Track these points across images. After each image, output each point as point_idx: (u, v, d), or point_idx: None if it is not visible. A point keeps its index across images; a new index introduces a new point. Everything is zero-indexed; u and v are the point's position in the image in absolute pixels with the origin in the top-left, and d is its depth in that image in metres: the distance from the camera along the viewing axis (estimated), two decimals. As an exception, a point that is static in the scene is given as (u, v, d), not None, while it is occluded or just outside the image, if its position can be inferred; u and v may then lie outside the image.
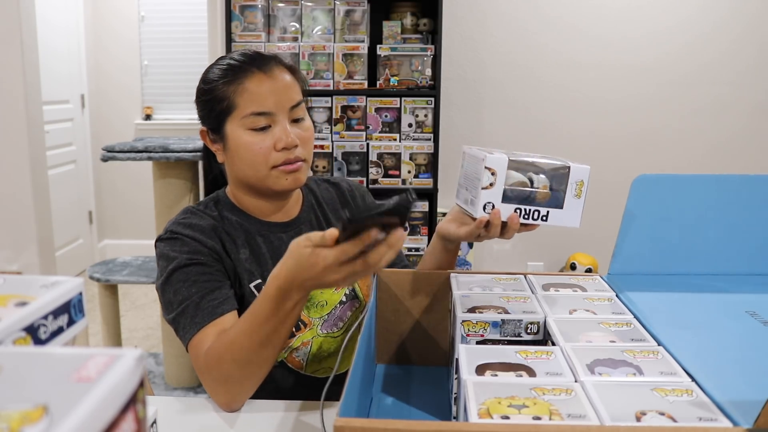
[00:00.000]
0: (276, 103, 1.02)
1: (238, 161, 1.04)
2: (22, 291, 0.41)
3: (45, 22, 3.50)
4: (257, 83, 1.02)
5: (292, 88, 1.05)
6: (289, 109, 1.04)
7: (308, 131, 1.07)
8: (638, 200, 0.89)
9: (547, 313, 0.76)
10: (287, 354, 1.06)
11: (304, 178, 1.07)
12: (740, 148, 3.02)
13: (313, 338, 1.08)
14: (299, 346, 1.07)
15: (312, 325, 1.08)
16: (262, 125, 1.02)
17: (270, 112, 1.02)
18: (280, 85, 1.03)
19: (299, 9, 2.68)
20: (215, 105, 1.04)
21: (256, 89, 1.02)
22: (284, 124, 1.03)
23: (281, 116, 1.03)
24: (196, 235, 1.02)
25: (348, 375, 0.59)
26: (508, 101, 3.02)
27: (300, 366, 1.08)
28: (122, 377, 0.30)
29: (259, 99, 1.02)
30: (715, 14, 2.92)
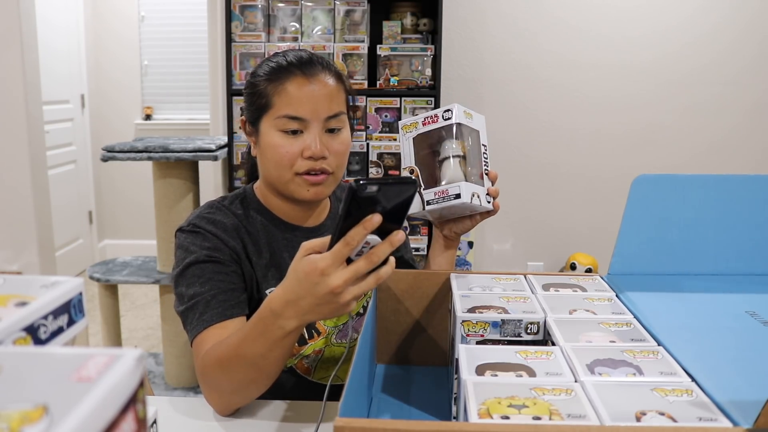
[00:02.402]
0: (311, 111, 1.00)
1: (266, 160, 1.04)
2: (22, 291, 0.41)
3: (45, 22, 3.50)
4: (297, 86, 1.00)
5: (334, 97, 1.02)
6: (325, 118, 1.01)
7: (342, 144, 1.03)
8: (638, 200, 0.89)
9: (547, 313, 0.76)
10: (297, 361, 1.06)
11: (329, 192, 1.05)
12: (740, 148, 3.02)
13: (325, 347, 1.07)
14: (310, 354, 1.06)
15: (326, 333, 1.07)
16: (294, 129, 1.00)
17: (303, 118, 1.00)
18: (319, 92, 1.00)
19: (299, 9, 2.68)
20: (256, 100, 1.03)
21: (294, 92, 1.00)
22: (316, 132, 1.00)
23: (314, 124, 1.00)
24: (218, 233, 1.02)
25: (348, 375, 0.59)
26: (508, 101, 3.02)
27: (308, 372, 1.07)
28: (122, 377, 0.30)
29: (295, 103, 1.00)
30: (715, 14, 2.92)
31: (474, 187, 0.97)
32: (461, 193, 0.94)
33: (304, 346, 1.05)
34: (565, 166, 3.06)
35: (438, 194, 0.97)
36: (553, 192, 3.08)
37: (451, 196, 0.95)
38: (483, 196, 0.99)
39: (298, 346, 1.05)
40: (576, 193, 3.08)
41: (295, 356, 1.05)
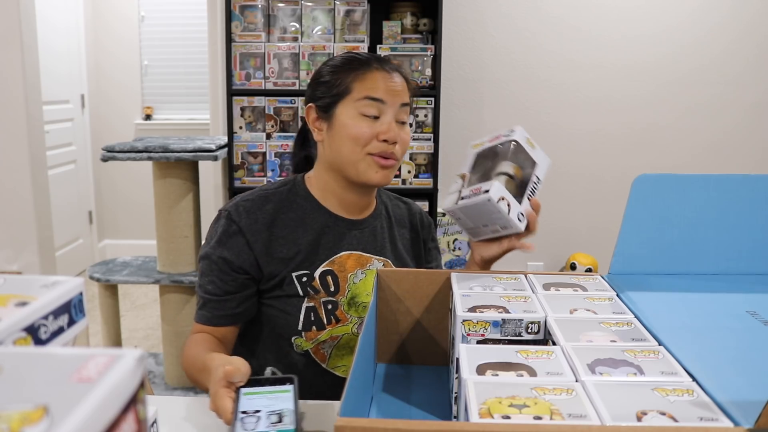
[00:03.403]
0: (391, 96, 1.09)
1: (338, 140, 1.09)
2: (22, 291, 0.41)
3: (45, 22, 3.50)
4: (377, 75, 1.10)
5: (405, 91, 1.12)
6: (400, 105, 1.10)
7: (408, 135, 1.12)
8: (639, 200, 0.89)
9: (547, 313, 0.75)
10: (313, 345, 1.10)
11: (391, 178, 1.12)
12: (740, 148, 3.02)
13: (343, 335, 1.11)
14: (327, 340, 1.11)
15: (347, 321, 1.12)
16: (373, 113, 1.08)
17: (383, 100, 1.08)
18: (395, 83, 1.10)
19: (299, 9, 2.68)
20: (332, 87, 1.11)
21: (374, 79, 1.09)
22: (391, 118, 1.09)
23: (391, 110, 1.09)
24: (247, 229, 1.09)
25: (348, 375, 0.59)
26: (508, 101, 3.02)
27: (323, 359, 1.12)
28: (122, 377, 0.30)
29: (376, 87, 1.09)
30: (715, 14, 2.92)
31: (507, 194, 0.96)
32: (490, 191, 0.94)
33: (322, 331, 1.10)
34: (565, 166, 3.06)
35: (472, 191, 0.98)
36: (553, 192, 3.08)
37: (481, 192, 0.96)
38: (515, 211, 0.98)
39: (317, 330, 1.10)
40: (576, 193, 3.08)
41: (312, 341, 1.10)
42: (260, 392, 0.84)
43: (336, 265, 1.13)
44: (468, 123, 3.04)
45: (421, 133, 2.70)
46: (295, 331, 1.10)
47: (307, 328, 1.10)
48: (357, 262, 1.14)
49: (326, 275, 1.12)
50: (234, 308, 1.09)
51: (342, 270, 1.13)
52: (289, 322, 1.10)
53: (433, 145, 2.69)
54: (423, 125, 2.70)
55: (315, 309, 1.10)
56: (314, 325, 1.10)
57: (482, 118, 3.04)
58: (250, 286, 1.10)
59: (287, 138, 2.66)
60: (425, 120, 2.69)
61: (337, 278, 1.12)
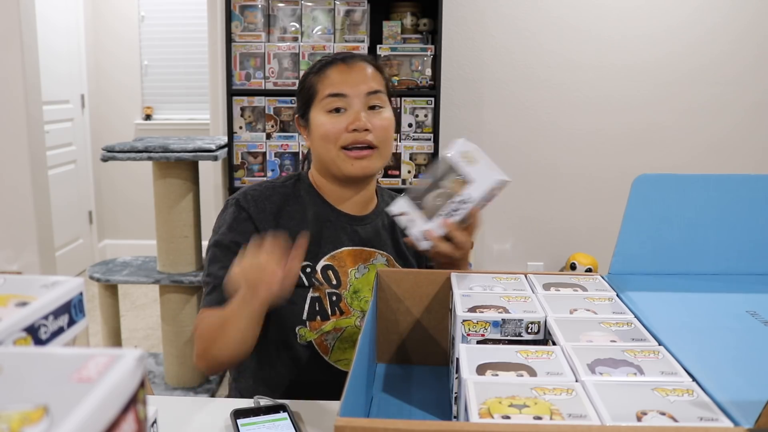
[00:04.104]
0: (351, 87, 1.10)
1: (316, 142, 1.13)
2: (22, 291, 0.41)
3: (45, 22, 3.50)
4: (337, 71, 1.12)
5: (372, 78, 1.12)
6: (365, 94, 1.10)
7: (385, 120, 1.12)
8: (639, 200, 0.89)
9: (547, 313, 0.75)
10: (317, 336, 1.11)
11: (375, 167, 1.13)
12: (740, 148, 3.02)
13: (347, 327, 1.13)
14: (330, 331, 1.11)
15: (350, 314, 1.13)
16: (337, 106, 1.10)
17: (344, 94, 1.10)
18: (357, 73, 1.12)
19: (299, 9, 2.68)
20: (304, 94, 1.16)
21: (334, 75, 1.12)
22: (358, 107, 1.10)
23: (356, 100, 1.10)
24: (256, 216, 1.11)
25: (348, 375, 0.59)
26: (508, 101, 3.02)
27: (326, 351, 1.12)
28: (123, 377, 0.30)
29: (336, 82, 1.11)
30: (715, 14, 2.92)
31: (412, 211, 1.01)
32: (393, 205, 1.03)
33: (327, 322, 1.11)
34: (565, 166, 3.06)
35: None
36: (553, 192, 3.08)
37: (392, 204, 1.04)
38: (418, 228, 1.01)
39: (321, 320, 1.11)
40: (576, 193, 3.08)
41: (317, 331, 1.11)
42: (258, 422, 0.86)
43: (336, 261, 1.14)
44: (468, 123, 3.04)
45: (421, 133, 2.70)
46: (299, 320, 1.11)
47: (312, 318, 1.11)
48: (358, 258, 1.15)
49: (327, 269, 1.13)
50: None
51: (342, 266, 1.14)
52: (294, 311, 1.11)
53: (433, 145, 2.69)
54: (423, 125, 2.70)
55: (320, 299, 1.12)
56: (319, 315, 1.11)
57: (482, 118, 3.04)
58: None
59: (287, 138, 2.66)
60: (425, 120, 2.69)
61: (338, 273, 1.14)
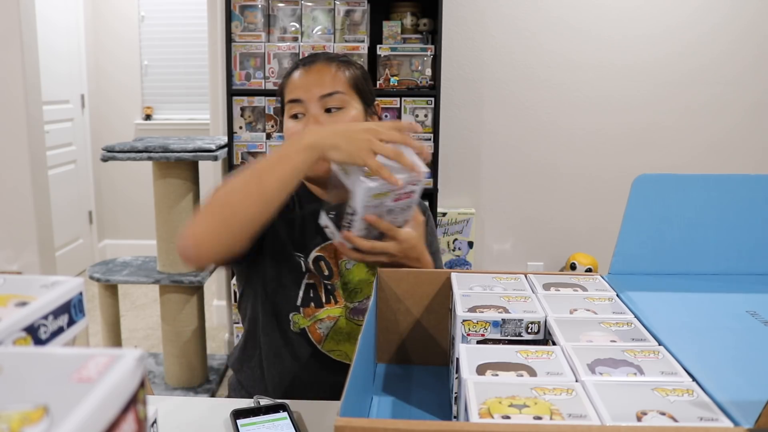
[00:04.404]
0: (305, 92, 1.10)
1: None
2: (22, 291, 0.41)
3: (45, 22, 3.50)
4: (297, 76, 1.12)
5: (332, 79, 1.10)
6: (319, 97, 1.09)
7: (342, 121, 1.10)
8: (639, 200, 0.89)
9: (547, 313, 0.75)
10: (311, 323, 1.12)
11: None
12: (740, 148, 3.02)
13: (339, 317, 1.13)
14: (324, 319, 1.13)
15: (343, 304, 1.14)
16: (295, 112, 1.10)
17: (299, 99, 1.10)
18: (314, 76, 1.11)
19: (299, 9, 2.68)
20: (279, 100, 1.17)
21: (294, 80, 1.12)
22: (314, 111, 1.09)
23: (311, 104, 1.09)
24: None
25: (348, 375, 0.59)
26: (508, 101, 3.02)
27: (319, 339, 1.13)
28: (123, 377, 0.30)
29: (293, 88, 1.11)
30: (715, 14, 2.92)
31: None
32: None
33: (320, 309, 1.12)
34: (565, 166, 3.06)
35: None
36: (553, 192, 3.08)
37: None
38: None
39: (315, 307, 1.12)
40: (576, 193, 3.08)
41: (310, 318, 1.12)
42: (257, 422, 0.86)
43: (327, 252, 1.15)
44: (468, 123, 3.04)
45: (421, 133, 2.70)
46: (293, 307, 1.12)
47: (306, 304, 1.12)
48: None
49: (319, 260, 1.14)
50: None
51: (332, 256, 1.15)
52: (289, 297, 1.12)
53: (432, 145, 2.69)
54: (423, 125, 2.70)
55: (315, 286, 1.13)
56: (313, 302, 1.12)
57: (482, 118, 3.04)
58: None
59: (287, 138, 2.66)
60: (425, 120, 2.69)
61: (329, 263, 1.15)
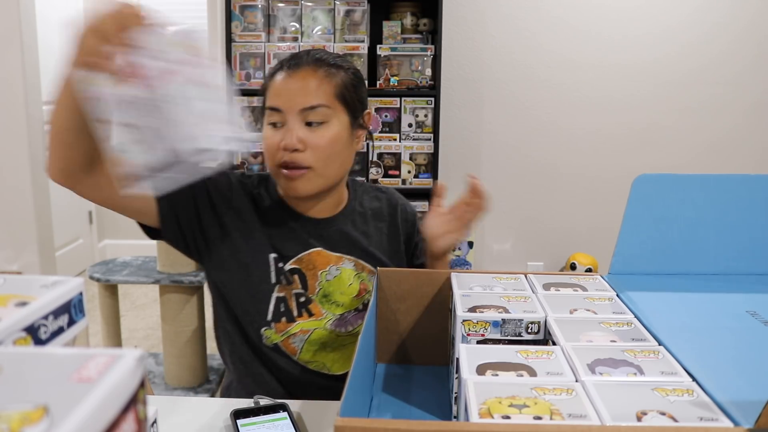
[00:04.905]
0: (286, 102, 1.02)
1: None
2: (22, 291, 0.41)
3: (45, 22, 3.50)
4: (279, 80, 1.04)
5: (314, 90, 1.02)
6: (300, 110, 1.02)
7: (323, 139, 1.02)
8: (639, 200, 0.89)
9: (547, 313, 0.75)
10: (283, 339, 1.07)
11: (310, 189, 1.05)
12: (740, 148, 3.02)
13: (315, 329, 1.08)
14: (297, 333, 1.07)
15: (321, 317, 1.08)
16: (274, 120, 1.03)
17: (279, 109, 1.02)
18: (297, 84, 1.03)
19: (299, 9, 2.68)
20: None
21: (276, 85, 1.04)
22: (293, 124, 1.02)
23: (291, 116, 1.02)
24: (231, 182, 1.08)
25: (348, 375, 0.59)
26: (508, 101, 3.02)
27: (294, 352, 1.08)
28: (123, 377, 0.30)
29: (275, 94, 1.04)
30: (715, 14, 2.92)
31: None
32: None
33: (292, 324, 1.06)
34: (565, 166, 3.06)
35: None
36: (553, 192, 3.08)
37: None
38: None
39: (287, 322, 1.06)
40: (576, 193, 3.08)
41: (282, 333, 1.06)
42: (257, 422, 0.86)
43: (303, 263, 1.09)
44: (468, 123, 3.04)
45: (421, 133, 2.71)
46: (263, 321, 1.06)
47: (277, 319, 1.06)
48: (328, 259, 1.10)
49: (293, 273, 1.08)
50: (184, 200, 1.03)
51: (311, 268, 1.09)
52: (259, 311, 1.06)
53: (433, 145, 2.69)
54: (423, 125, 2.70)
55: (285, 300, 1.07)
56: (284, 317, 1.07)
57: (482, 118, 3.04)
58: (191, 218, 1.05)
59: (287, 138, 2.67)
60: (425, 120, 2.69)
61: (305, 276, 1.08)
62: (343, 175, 1.11)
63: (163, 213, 1.03)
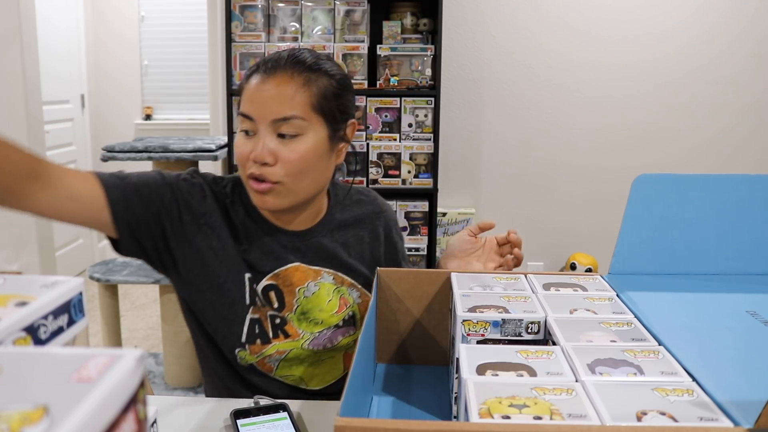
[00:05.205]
0: (258, 110, 0.95)
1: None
2: (22, 291, 0.41)
3: (45, 22, 3.50)
4: (254, 84, 0.96)
5: (289, 99, 0.94)
6: (271, 121, 0.94)
7: (294, 153, 0.95)
8: (639, 200, 0.89)
9: (547, 313, 0.75)
10: (258, 359, 1.02)
11: (279, 204, 0.98)
12: (740, 148, 3.02)
13: (292, 350, 1.03)
14: (272, 354, 1.02)
15: (298, 337, 1.03)
16: (246, 128, 0.96)
17: (251, 117, 0.95)
18: (271, 92, 0.94)
19: (299, 9, 2.68)
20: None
21: (250, 90, 0.96)
22: (263, 134, 0.94)
23: (262, 126, 0.95)
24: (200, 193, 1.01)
25: (348, 375, 0.59)
26: (508, 101, 3.02)
27: (270, 370, 1.04)
28: (123, 377, 0.30)
29: (247, 100, 0.96)
30: (715, 14, 2.92)
31: None
32: None
33: (267, 345, 1.01)
34: (565, 166, 3.06)
35: None
36: (553, 192, 3.08)
37: None
38: None
39: (262, 344, 1.01)
40: (576, 193, 3.08)
41: (257, 355, 1.01)
42: (257, 422, 0.86)
43: (280, 279, 1.03)
44: (468, 123, 3.04)
45: (421, 133, 2.70)
46: (238, 343, 1.01)
47: (251, 341, 1.01)
48: (306, 275, 1.04)
49: (270, 290, 1.02)
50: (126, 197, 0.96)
51: (288, 284, 1.03)
52: (232, 332, 1.01)
53: (433, 145, 2.69)
54: (423, 125, 2.70)
55: (260, 321, 1.01)
56: (259, 338, 1.01)
57: (482, 118, 3.04)
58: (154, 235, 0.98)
59: (287, 138, 2.66)
60: (425, 120, 2.69)
61: (282, 293, 1.03)
62: (319, 190, 1.03)
63: (121, 230, 0.96)
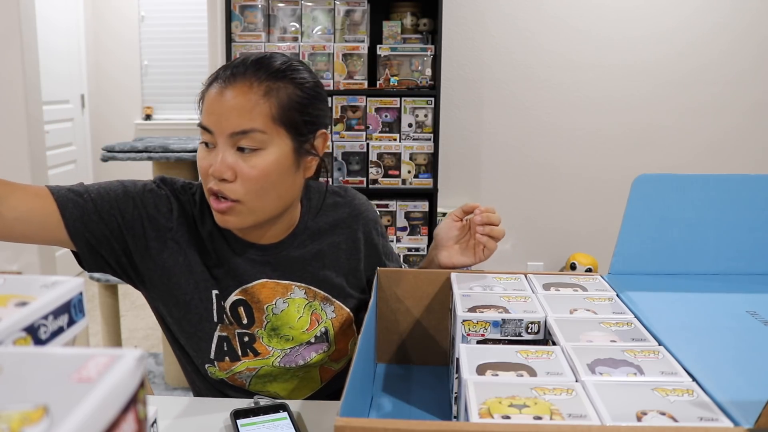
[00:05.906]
0: (216, 122, 0.88)
1: None
2: (22, 291, 0.41)
3: (45, 22, 3.50)
4: (212, 94, 0.90)
5: (249, 111, 0.87)
6: (229, 134, 0.87)
7: (254, 169, 0.88)
8: (639, 200, 0.89)
9: (547, 313, 0.75)
10: (228, 375, 0.99)
11: (240, 223, 0.92)
12: (740, 148, 3.02)
13: (262, 367, 0.99)
14: (243, 371, 0.99)
15: (268, 355, 0.99)
16: (206, 140, 0.91)
17: (209, 129, 0.89)
18: (229, 103, 0.87)
19: (299, 9, 2.68)
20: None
21: (209, 99, 0.90)
22: (222, 148, 0.88)
23: (221, 139, 0.88)
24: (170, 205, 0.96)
25: (348, 375, 0.59)
26: (508, 101, 3.02)
27: (243, 385, 1.01)
28: (123, 377, 0.30)
29: (206, 110, 0.90)
30: (715, 14, 2.92)
31: None
32: None
33: (237, 363, 0.98)
34: (565, 166, 3.06)
35: None
36: (553, 192, 3.08)
37: None
38: None
39: (230, 361, 0.97)
40: (576, 193, 3.08)
41: (227, 371, 0.98)
42: (257, 422, 0.86)
43: (248, 295, 0.98)
44: (468, 123, 3.04)
45: (421, 133, 2.70)
46: (207, 359, 0.97)
47: (220, 358, 0.97)
48: (274, 291, 1.00)
49: (238, 305, 0.98)
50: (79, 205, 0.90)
51: (256, 301, 0.98)
52: (201, 348, 0.97)
53: (433, 145, 2.69)
54: (423, 125, 2.70)
55: (228, 339, 0.97)
56: (227, 356, 0.97)
57: (482, 118, 3.04)
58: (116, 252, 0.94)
59: (287, 138, 2.66)
60: (425, 120, 2.69)
61: (251, 309, 0.98)
62: (285, 207, 0.97)
63: (80, 247, 0.91)
